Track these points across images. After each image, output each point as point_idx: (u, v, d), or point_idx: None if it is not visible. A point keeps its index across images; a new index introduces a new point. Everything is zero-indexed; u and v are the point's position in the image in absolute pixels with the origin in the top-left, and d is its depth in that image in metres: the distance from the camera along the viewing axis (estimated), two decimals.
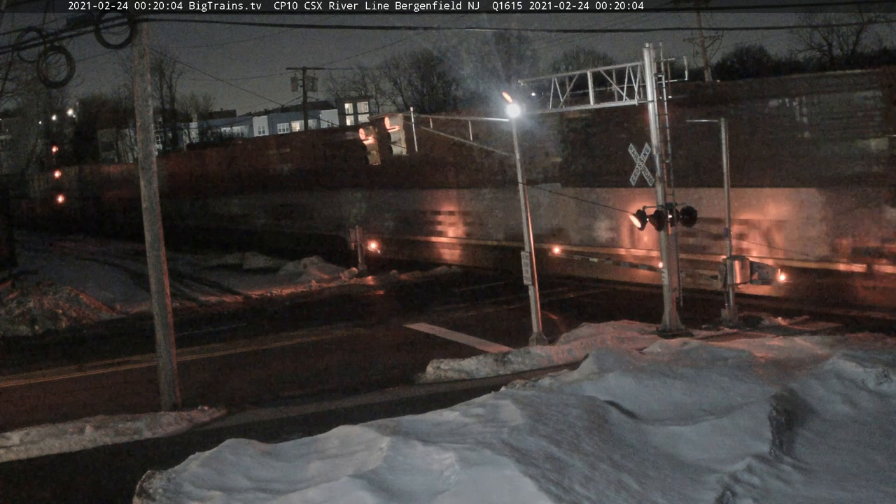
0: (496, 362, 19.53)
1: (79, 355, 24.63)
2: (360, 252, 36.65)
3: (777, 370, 15.13)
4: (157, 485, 11.73)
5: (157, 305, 17.56)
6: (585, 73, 22.31)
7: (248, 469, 11.96)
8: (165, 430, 16.15)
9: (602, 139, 30.67)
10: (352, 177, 44.21)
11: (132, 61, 17.28)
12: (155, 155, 17.91)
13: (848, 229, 24.00)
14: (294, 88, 61.45)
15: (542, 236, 31.75)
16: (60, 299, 30.44)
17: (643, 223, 21.51)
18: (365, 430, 12.46)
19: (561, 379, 15.59)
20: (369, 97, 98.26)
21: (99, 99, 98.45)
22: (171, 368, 17.59)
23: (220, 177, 58.08)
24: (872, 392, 13.66)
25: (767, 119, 25.60)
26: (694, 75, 33.41)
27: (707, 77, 38.71)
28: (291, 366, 22.03)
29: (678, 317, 21.47)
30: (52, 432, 15.83)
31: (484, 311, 27.38)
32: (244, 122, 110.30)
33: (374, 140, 23.89)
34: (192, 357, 22.76)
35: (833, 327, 21.29)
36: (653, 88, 20.93)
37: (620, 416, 12.71)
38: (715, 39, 40.37)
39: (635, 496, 10.32)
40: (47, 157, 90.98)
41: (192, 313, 30.69)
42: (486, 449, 11.00)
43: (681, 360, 16.08)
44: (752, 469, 10.97)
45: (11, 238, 36.65)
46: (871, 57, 58.36)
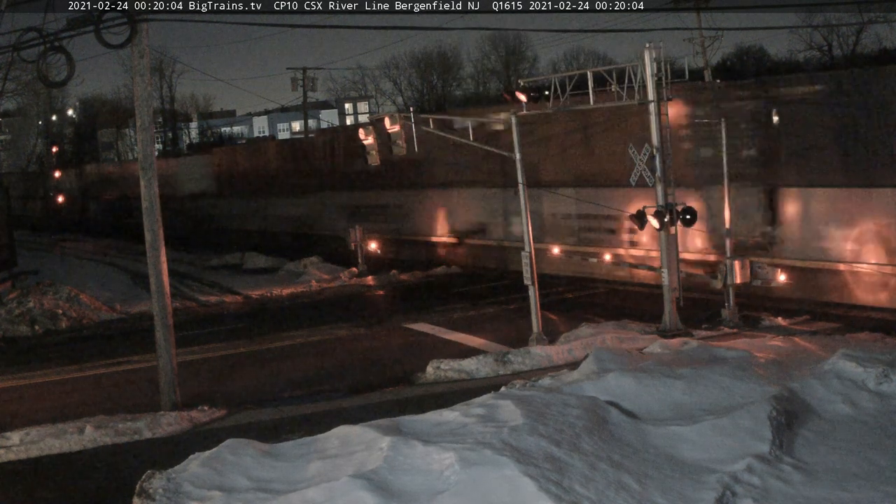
0: (496, 362, 19.53)
1: (79, 355, 24.62)
2: (360, 252, 36.65)
3: (777, 370, 15.13)
4: (157, 485, 11.73)
5: (157, 305, 17.56)
6: (585, 72, 22.33)
7: (248, 469, 11.97)
8: (165, 430, 16.14)
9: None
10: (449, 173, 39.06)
11: (132, 61, 17.28)
12: (155, 155, 17.91)
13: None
14: (294, 88, 61.42)
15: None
16: (60, 299, 30.44)
17: (642, 223, 21.52)
18: (365, 430, 12.46)
19: (561, 379, 15.59)
20: (369, 97, 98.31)
21: (99, 99, 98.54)
22: (171, 368, 17.58)
23: (285, 172, 51.93)
24: (872, 392, 13.67)
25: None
26: (694, 75, 33.42)
27: (707, 77, 38.69)
28: (291, 366, 22.03)
29: (678, 317, 21.48)
30: (52, 432, 15.82)
31: (484, 310, 27.38)
32: (244, 122, 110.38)
33: (373, 140, 23.90)
34: (192, 357, 22.75)
35: (833, 327, 21.30)
36: (653, 88, 20.96)
37: (620, 416, 12.71)
38: (715, 39, 40.35)
39: (635, 496, 10.32)
40: (47, 157, 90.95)
41: (192, 313, 30.69)
42: (486, 449, 11.00)
43: (681, 360, 16.08)
44: (752, 469, 10.97)
45: (11, 238, 36.61)
46: (871, 57, 58.37)
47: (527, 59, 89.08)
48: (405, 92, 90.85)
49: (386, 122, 22.96)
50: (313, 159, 49.74)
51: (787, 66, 64.98)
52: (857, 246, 23.77)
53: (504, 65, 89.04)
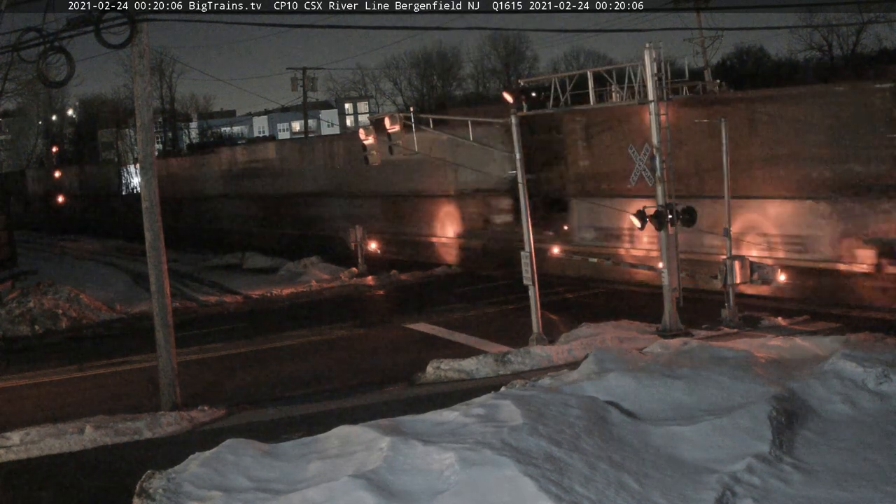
0: (496, 362, 19.53)
1: (79, 355, 24.62)
2: (360, 252, 36.65)
3: (777, 370, 15.14)
4: (157, 485, 11.74)
5: (157, 305, 17.56)
6: (585, 73, 22.32)
7: (248, 469, 11.97)
8: (165, 430, 16.15)
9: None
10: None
11: (132, 61, 17.28)
12: (155, 155, 17.91)
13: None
14: (294, 88, 61.50)
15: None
16: (60, 299, 30.42)
17: (643, 223, 21.51)
18: (365, 430, 12.47)
19: (561, 379, 15.59)
20: (369, 97, 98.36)
21: (99, 99, 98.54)
22: (171, 368, 17.59)
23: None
24: (872, 392, 13.67)
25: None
26: (694, 75, 33.40)
27: (707, 77, 38.66)
28: (291, 366, 22.03)
29: (678, 317, 21.47)
30: (52, 432, 15.83)
31: (484, 310, 27.38)
32: (244, 122, 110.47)
33: (373, 140, 23.89)
34: (192, 357, 22.75)
35: (833, 327, 21.27)
36: (653, 88, 20.95)
37: (620, 416, 12.71)
38: (715, 39, 40.27)
39: (635, 496, 10.32)
40: (47, 157, 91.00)
41: (192, 313, 30.67)
42: (486, 449, 11.00)
43: (681, 360, 16.07)
44: (752, 469, 10.98)
45: (12, 238, 36.61)
46: (871, 57, 58.41)
47: (527, 59, 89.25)
48: (405, 92, 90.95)
49: (386, 122, 22.97)
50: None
51: (787, 66, 65.00)
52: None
53: (504, 65, 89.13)
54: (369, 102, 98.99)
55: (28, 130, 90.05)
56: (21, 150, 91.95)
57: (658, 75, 20.99)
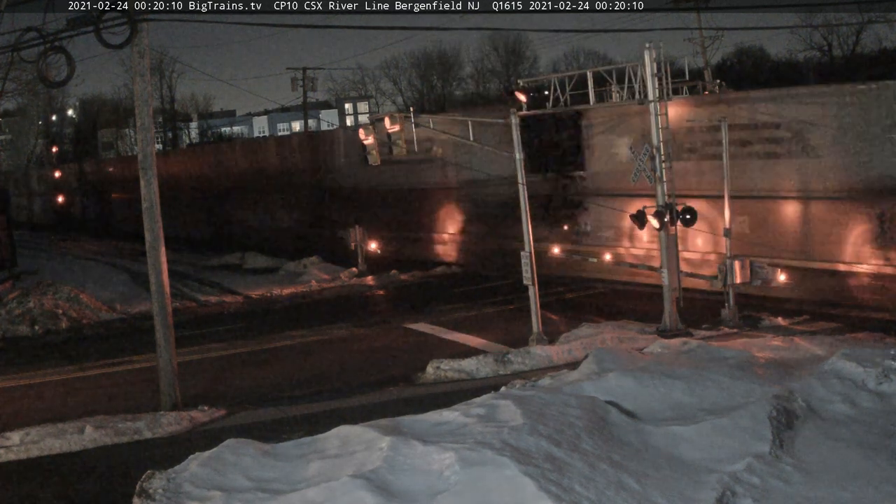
0: (496, 362, 19.53)
1: (79, 355, 24.61)
2: (360, 252, 36.64)
3: (777, 370, 15.14)
4: (157, 485, 11.74)
5: (157, 305, 17.56)
6: (585, 73, 22.32)
7: (248, 469, 11.97)
8: (165, 430, 16.15)
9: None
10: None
11: (132, 61, 17.28)
12: (155, 155, 17.91)
13: None
14: (294, 88, 61.36)
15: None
16: (60, 299, 30.41)
17: (643, 223, 21.51)
18: (365, 430, 12.47)
19: (561, 379, 15.60)
20: (369, 97, 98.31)
21: (99, 99, 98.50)
22: (171, 368, 17.59)
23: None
24: (872, 392, 13.67)
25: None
26: (694, 75, 33.38)
27: (707, 77, 38.67)
28: (291, 366, 22.02)
29: (678, 317, 21.47)
30: (52, 432, 15.83)
31: (484, 310, 27.38)
32: (244, 122, 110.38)
33: (373, 140, 23.88)
34: (192, 357, 22.73)
35: (833, 327, 21.28)
36: (653, 88, 20.95)
37: (620, 416, 12.71)
38: (715, 39, 40.31)
39: (635, 496, 10.32)
40: (47, 157, 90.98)
41: (192, 313, 30.67)
42: (486, 449, 11.00)
43: (681, 360, 16.09)
44: (752, 469, 10.98)
45: (11, 238, 36.61)
46: (871, 57, 58.40)
47: (527, 59, 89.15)
48: (405, 92, 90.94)
49: (386, 122, 22.96)
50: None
51: (787, 66, 64.98)
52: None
53: (504, 65, 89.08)
54: (369, 102, 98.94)
55: (28, 130, 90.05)
56: (21, 149, 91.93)
57: (658, 75, 21.00)
